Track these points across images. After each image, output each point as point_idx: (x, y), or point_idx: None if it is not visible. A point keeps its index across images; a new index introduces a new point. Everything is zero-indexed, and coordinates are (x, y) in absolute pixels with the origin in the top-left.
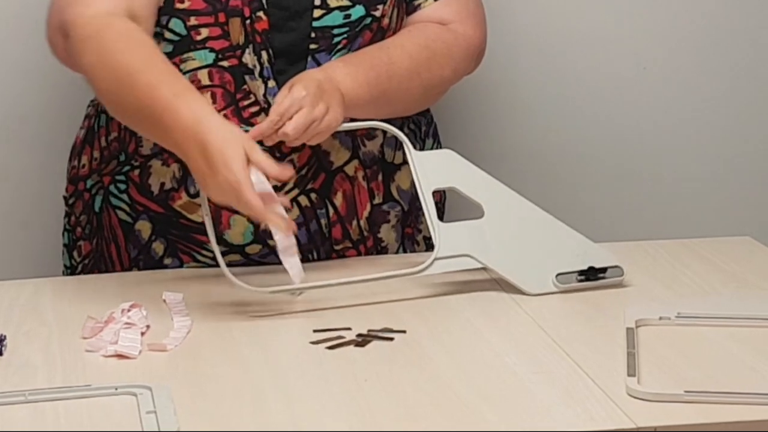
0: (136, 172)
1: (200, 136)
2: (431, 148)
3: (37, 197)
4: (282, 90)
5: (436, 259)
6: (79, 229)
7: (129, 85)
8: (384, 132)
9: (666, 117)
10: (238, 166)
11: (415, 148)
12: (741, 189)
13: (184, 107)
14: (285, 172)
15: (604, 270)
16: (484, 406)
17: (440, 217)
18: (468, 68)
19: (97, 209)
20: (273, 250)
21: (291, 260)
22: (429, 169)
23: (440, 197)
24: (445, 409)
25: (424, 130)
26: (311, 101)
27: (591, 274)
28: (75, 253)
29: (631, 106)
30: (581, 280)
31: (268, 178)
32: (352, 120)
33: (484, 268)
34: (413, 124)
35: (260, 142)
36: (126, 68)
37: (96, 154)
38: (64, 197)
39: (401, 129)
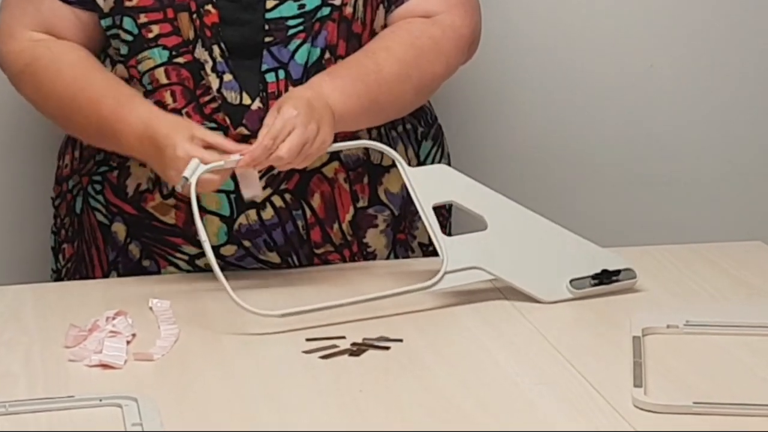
0: (115, 173)
1: (149, 131)
2: (429, 151)
3: (28, 199)
4: (271, 111)
5: (446, 273)
6: (63, 232)
7: (75, 109)
8: (369, 133)
9: (673, 117)
10: (183, 142)
11: (409, 150)
12: (751, 191)
13: (131, 114)
14: (236, 145)
15: (617, 273)
16: (485, 418)
17: (447, 228)
18: (460, 60)
19: (78, 211)
20: (249, 252)
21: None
22: (425, 185)
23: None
24: (443, 420)
25: (421, 131)
26: (303, 121)
27: (605, 277)
28: (60, 256)
29: (637, 105)
30: (595, 284)
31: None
32: (344, 134)
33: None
34: (408, 125)
35: None
36: (65, 92)
37: (77, 153)
38: (52, 198)
39: (395, 129)
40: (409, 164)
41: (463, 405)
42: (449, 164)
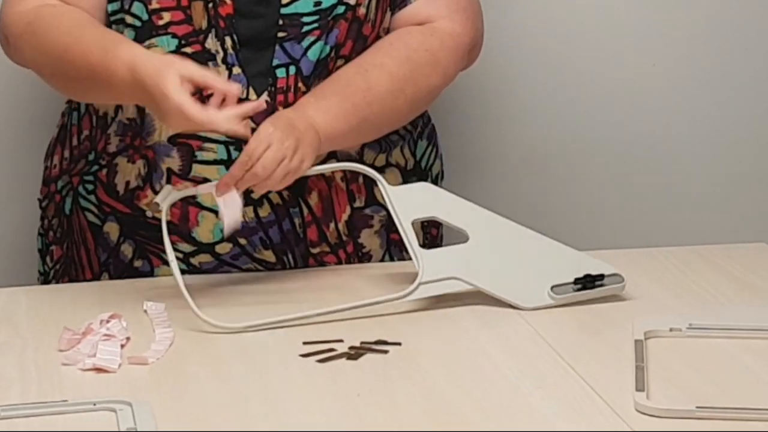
0: (104, 171)
1: (138, 80)
2: (425, 151)
3: (13, 200)
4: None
5: (421, 283)
6: (51, 233)
7: (68, 62)
8: None
9: (676, 117)
10: (172, 91)
11: (406, 150)
12: (755, 193)
13: (116, 63)
14: (226, 85)
15: (601, 277)
16: (484, 423)
17: (439, 237)
18: (458, 68)
19: (67, 211)
20: (244, 250)
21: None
22: (407, 201)
23: (437, 233)
24: (442, 425)
25: (419, 131)
26: (279, 137)
27: (588, 281)
28: (48, 259)
29: (639, 105)
30: (578, 289)
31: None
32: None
33: None
34: (410, 125)
35: None
36: (59, 48)
37: (66, 153)
38: (38, 200)
39: (397, 132)
40: (406, 164)
41: (463, 409)
42: (441, 164)
